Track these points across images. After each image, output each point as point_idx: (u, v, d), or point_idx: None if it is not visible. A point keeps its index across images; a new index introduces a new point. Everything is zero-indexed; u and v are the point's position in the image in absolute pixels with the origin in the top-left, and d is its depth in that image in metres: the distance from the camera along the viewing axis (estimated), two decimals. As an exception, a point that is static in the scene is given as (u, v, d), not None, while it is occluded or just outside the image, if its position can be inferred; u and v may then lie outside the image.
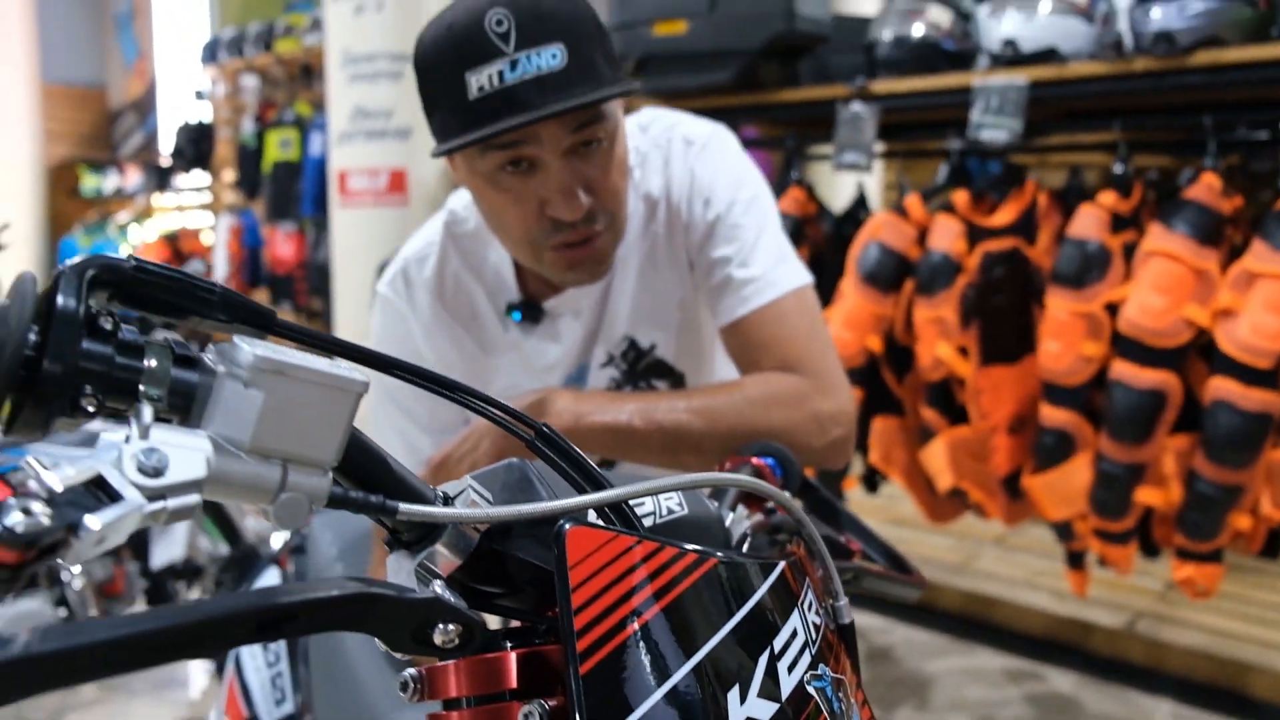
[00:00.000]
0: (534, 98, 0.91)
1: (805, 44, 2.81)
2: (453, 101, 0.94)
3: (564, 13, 0.94)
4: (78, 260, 0.40)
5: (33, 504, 0.33)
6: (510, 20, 0.91)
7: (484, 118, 0.92)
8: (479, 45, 0.91)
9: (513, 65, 0.91)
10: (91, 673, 0.32)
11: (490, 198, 1.02)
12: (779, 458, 0.89)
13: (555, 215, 0.98)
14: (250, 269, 7.22)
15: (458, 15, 0.94)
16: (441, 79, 0.95)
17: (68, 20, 9.43)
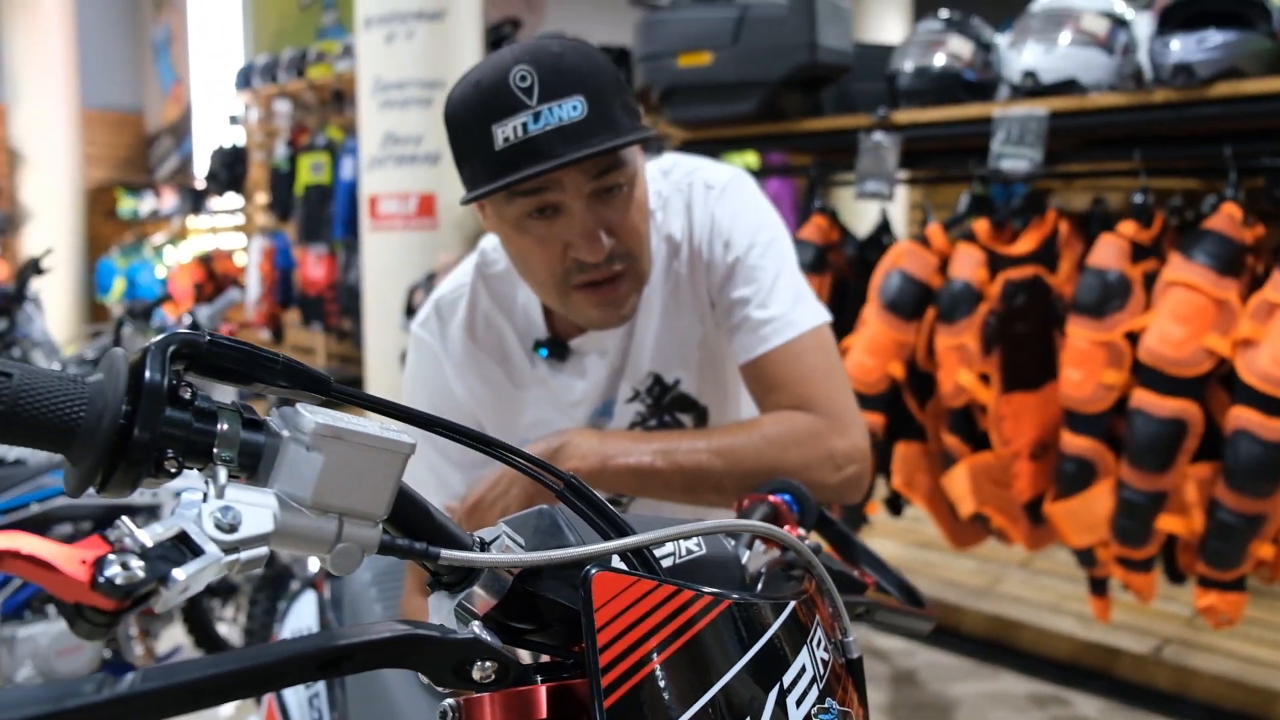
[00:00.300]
0: (556, 146, 0.97)
1: (827, 74, 2.86)
2: (481, 153, 0.99)
3: (583, 67, 1.00)
4: (161, 338, 0.45)
5: (130, 559, 0.38)
6: (533, 75, 0.97)
7: (510, 166, 0.98)
8: (504, 99, 0.97)
9: (536, 117, 0.97)
10: (184, 707, 0.37)
11: (517, 242, 1.07)
12: (795, 495, 0.93)
13: (579, 257, 1.03)
14: (282, 290, 7.34)
15: (484, 73, 1.00)
16: (470, 132, 1.00)
17: (107, 47, 9.66)
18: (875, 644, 3.36)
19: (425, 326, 1.23)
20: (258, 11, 8.94)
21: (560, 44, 1.02)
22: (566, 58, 0.99)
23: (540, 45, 1.01)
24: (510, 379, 1.21)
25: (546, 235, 1.03)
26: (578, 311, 1.10)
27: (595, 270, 1.05)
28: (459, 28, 4.83)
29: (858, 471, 1.06)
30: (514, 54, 0.99)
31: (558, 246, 1.04)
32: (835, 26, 2.76)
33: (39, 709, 0.32)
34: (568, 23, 8.09)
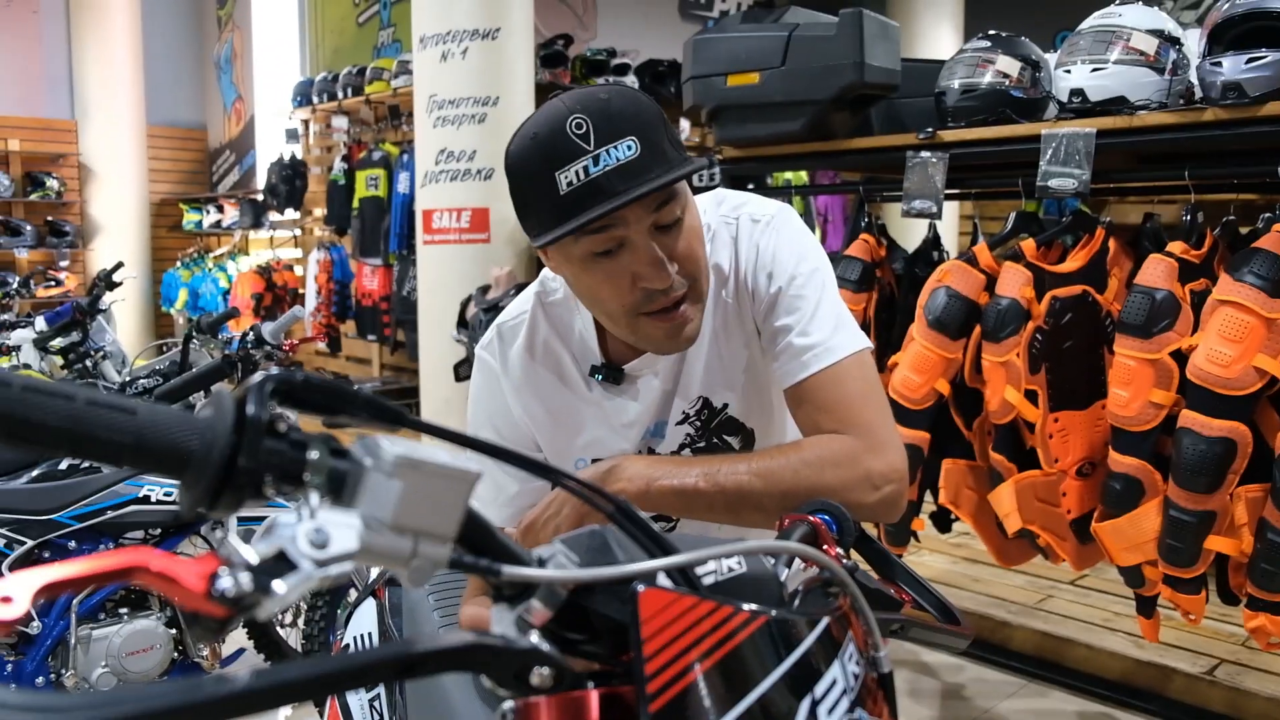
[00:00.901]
0: (617, 184, 1.04)
1: (875, 93, 2.89)
2: (545, 199, 1.06)
3: (631, 110, 1.07)
4: (260, 377, 0.52)
5: (239, 574, 0.44)
6: (588, 122, 1.04)
7: (575, 209, 1.05)
8: (563, 147, 1.04)
9: (595, 160, 1.04)
10: (289, 701, 0.43)
11: (585, 279, 1.14)
12: (834, 515, 0.98)
13: (647, 285, 1.10)
14: (338, 302, 7.51)
15: (539, 125, 1.07)
16: (534, 181, 1.07)
17: (172, 66, 9.97)
18: (921, 658, 3.36)
19: (488, 349, 1.31)
20: (316, 29, 9.17)
21: (606, 90, 1.09)
22: (614, 102, 1.07)
23: (588, 93, 1.08)
24: (567, 401, 1.28)
25: (614, 269, 1.10)
26: (647, 337, 1.17)
27: (663, 297, 1.12)
28: (511, 45, 4.94)
29: (895, 492, 1.10)
30: (566, 104, 1.06)
31: (626, 279, 1.11)
32: (883, 45, 2.79)
33: (171, 701, 0.38)
34: (619, 38, 8.18)
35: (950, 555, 4.08)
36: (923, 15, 8.72)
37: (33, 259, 9.06)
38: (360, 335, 7.40)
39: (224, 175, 10.33)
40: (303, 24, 9.27)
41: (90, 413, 0.46)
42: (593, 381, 1.26)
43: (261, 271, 8.40)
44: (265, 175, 8.17)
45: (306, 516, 0.49)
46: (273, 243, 9.18)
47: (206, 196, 9.77)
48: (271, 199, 8.09)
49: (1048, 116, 2.65)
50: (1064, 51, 2.57)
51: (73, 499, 2.41)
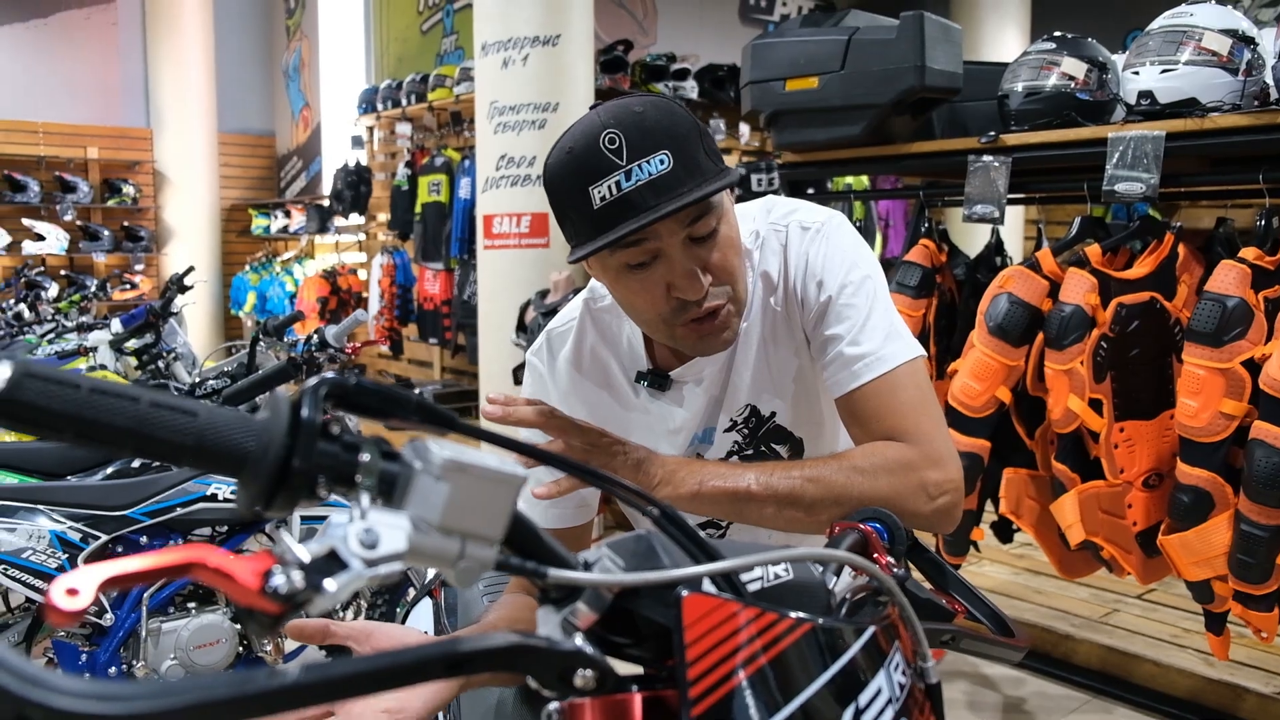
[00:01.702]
0: (649, 199, 1.05)
1: (937, 96, 2.86)
2: (580, 212, 1.08)
3: (665, 123, 1.08)
4: (315, 381, 0.53)
5: (292, 571, 0.46)
6: (620, 137, 1.05)
7: (608, 223, 1.06)
8: (597, 162, 1.06)
9: (627, 175, 1.05)
10: (338, 696, 0.44)
11: (622, 288, 1.16)
12: (886, 524, 0.97)
13: (681, 296, 1.11)
14: (401, 305, 7.63)
15: (575, 140, 1.09)
16: (568, 195, 1.09)
17: (243, 75, 10.24)
18: (982, 670, 3.31)
19: (538, 355, 1.33)
20: (381, 38, 9.34)
21: (640, 103, 1.10)
22: (648, 115, 1.07)
23: (623, 107, 1.09)
24: (614, 406, 1.29)
25: (649, 280, 1.12)
26: (684, 344, 1.18)
27: (698, 307, 1.12)
28: (571, 51, 4.97)
29: (950, 502, 1.09)
30: (600, 119, 1.08)
31: (660, 289, 1.12)
32: (945, 48, 2.76)
33: (226, 693, 0.40)
34: (678, 43, 8.20)
35: (1012, 566, 4.01)
36: (987, 18, 8.58)
37: (110, 263, 9.37)
38: (422, 339, 7.51)
39: (291, 181, 10.57)
40: (368, 32, 9.45)
41: (154, 414, 0.48)
42: (639, 388, 1.27)
43: (327, 275, 8.57)
44: (331, 181, 8.34)
45: (357, 517, 0.50)
46: (338, 247, 9.37)
47: (274, 202, 10.00)
48: (337, 204, 8.24)
49: (1115, 119, 2.59)
50: (1132, 53, 2.51)
51: (144, 496, 2.49)
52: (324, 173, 9.76)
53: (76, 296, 6.22)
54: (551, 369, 1.31)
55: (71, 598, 0.39)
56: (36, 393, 0.46)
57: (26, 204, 8.82)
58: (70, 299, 6.19)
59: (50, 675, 0.37)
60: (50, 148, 9.10)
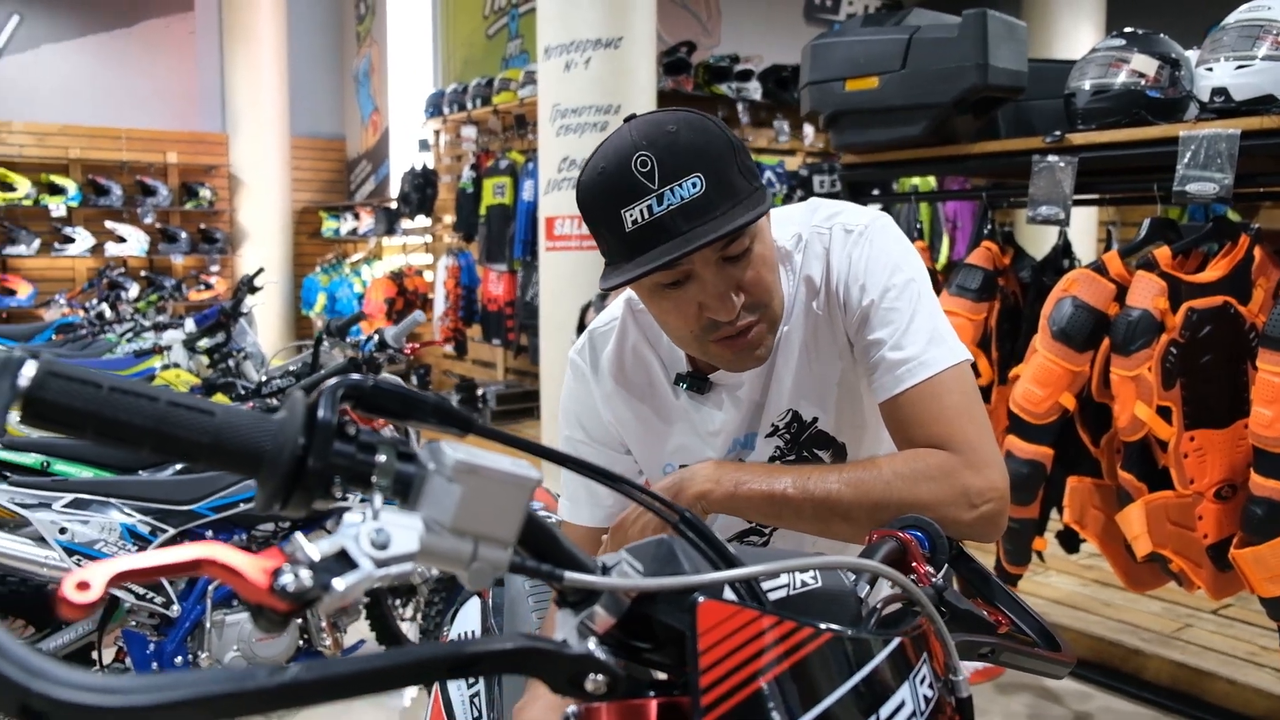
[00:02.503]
0: (681, 224, 1.04)
1: (1000, 95, 2.80)
2: (613, 233, 1.07)
3: (698, 143, 1.06)
4: (333, 382, 0.54)
5: (300, 570, 0.46)
6: (652, 159, 1.04)
7: (640, 246, 1.05)
8: (628, 185, 1.04)
9: (659, 199, 1.04)
10: (337, 695, 0.44)
11: (655, 307, 1.16)
12: (927, 531, 0.95)
13: (712, 316, 1.10)
14: (465, 306, 7.73)
15: (608, 160, 1.08)
16: (601, 214, 1.09)
17: (314, 80, 10.47)
18: (1045, 683, 3.23)
19: (580, 354, 1.33)
20: (448, 42, 9.47)
21: (675, 120, 1.07)
22: (682, 136, 1.06)
23: (656, 125, 1.07)
24: (655, 408, 1.29)
25: (681, 299, 1.11)
26: (718, 360, 1.17)
27: (730, 326, 1.11)
28: (633, 54, 4.98)
29: (993, 510, 1.06)
30: (633, 138, 1.06)
31: (692, 308, 1.11)
32: (1009, 46, 2.69)
33: (224, 687, 0.40)
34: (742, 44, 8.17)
35: (1079, 577, 3.90)
36: (1061, 14, 8.38)
37: (187, 264, 9.66)
38: (486, 339, 7.59)
39: (361, 184, 10.77)
40: (435, 37, 9.59)
41: (172, 413, 0.49)
42: (679, 390, 1.26)
43: (394, 277, 8.72)
44: (399, 184, 8.49)
45: (369, 517, 0.51)
46: (405, 249, 9.52)
47: (344, 205, 10.20)
48: (404, 207, 8.39)
49: (1188, 117, 2.51)
50: (1206, 48, 2.43)
51: (210, 491, 2.56)
52: (392, 176, 9.93)
53: (154, 297, 6.42)
54: (594, 368, 1.31)
55: (82, 591, 0.40)
56: (59, 391, 0.47)
57: (109, 207, 9.14)
58: (148, 299, 6.39)
59: (54, 667, 0.38)
60: (132, 153, 9.42)
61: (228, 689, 0.40)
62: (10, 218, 8.85)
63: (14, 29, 9.25)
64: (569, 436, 1.33)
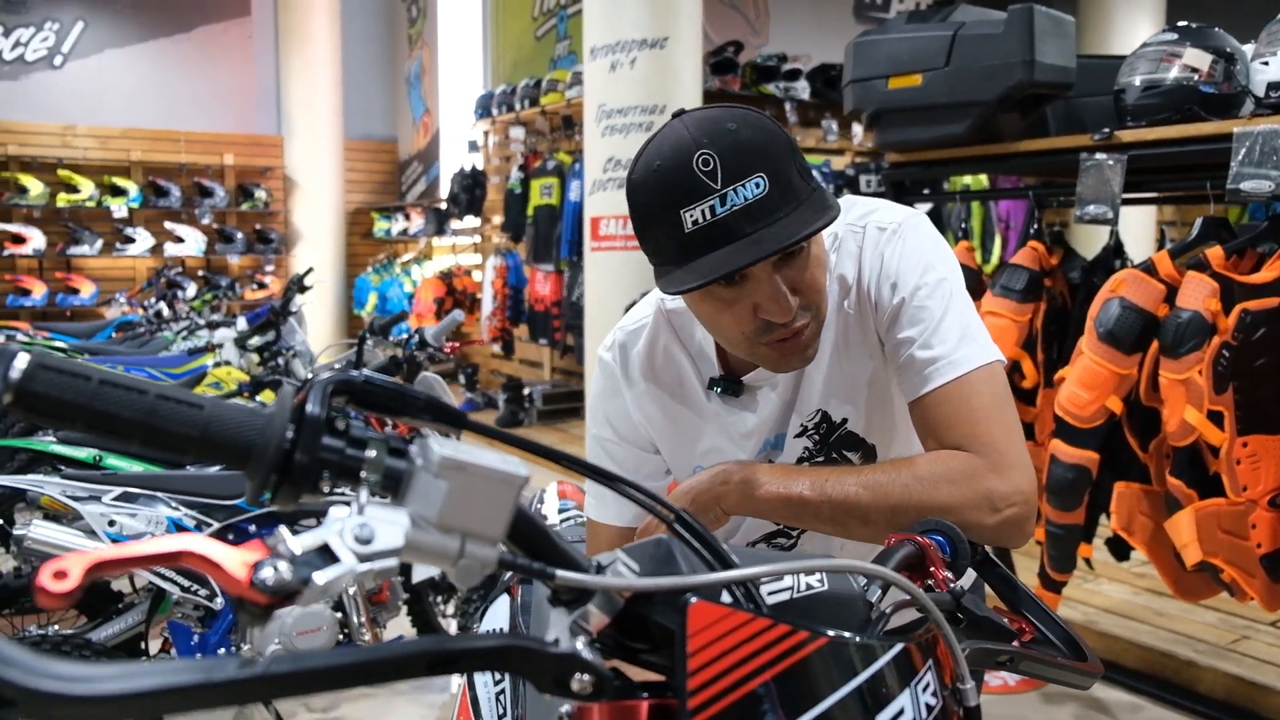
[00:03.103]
0: (743, 226, 1.01)
1: (1047, 92, 2.74)
2: (668, 233, 1.04)
3: (761, 142, 1.03)
4: (324, 378, 0.54)
5: (280, 564, 0.47)
6: (715, 159, 1.00)
7: (699, 248, 1.02)
8: (689, 184, 1.01)
9: (722, 199, 1.00)
10: (309, 689, 0.45)
11: (705, 307, 1.12)
12: (949, 536, 0.93)
13: (768, 318, 1.07)
14: (513, 306, 7.78)
15: (665, 157, 1.04)
16: (656, 214, 1.05)
17: (368, 83, 10.63)
18: (1095, 694, 3.16)
19: (610, 352, 1.31)
20: (497, 44, 9.55)
21: (733, 118, 1.04)
22: (743, 134, 1.02)
23: (716, 123, 1.04)
24: (686, 408, 1.27)
25: (734, 299, 1.07)
26: (764, 361, 1.14)
27: (784, 328, 1.08)
28: (679, 53, 4.97)
29: (1017, 515, 1.03)
30: (693, 136, 1.03)
31: (746, 309, 1.08)
32: (1056, 42, 2.64)
33: (193, 679, 0.41)
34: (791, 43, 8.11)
35: (1131, 586, 3.80)
36: (1118, 10, 8.21)
37: (243, 264, 9.86)
38: (533, 339, 7.63)
39: (412, 185, 10.90)
40: (485, 40, 9.68)
41: (161, 406, 0.50)
42: (711, 393, 1.25)
43: (443, 277, 8.81)
44: (448, 184, 8.57)
45: (355, 512, 0.51)
46: (454, 249, 9.62)
47: (395, 205, 10.33)
48: (453, 207, 8.47)
49: (1243, 113, 2.44)
50: (1261, 42, 2.36)
51: (254, 486, 2.60)
52: (442, 177, 10.04)
53: (209, 296, 6.56)
54: (624, 367, 1.29)
55: (59, 580, 0.41)
56: (49, 384, 0.48)
57: (168, 208, 9.37)
58: (203, 298, 6.54)
59: (25, 656, 0.38)
60: (190, 155, 9.64)
61: (197, 680, 0.41)
62: (75, 218, 9.11)
63: (78, 35, 9.52)
64: (597, 435, 1.31)
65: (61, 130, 9.20)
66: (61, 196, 8.98)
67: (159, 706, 0.40)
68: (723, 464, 1.12)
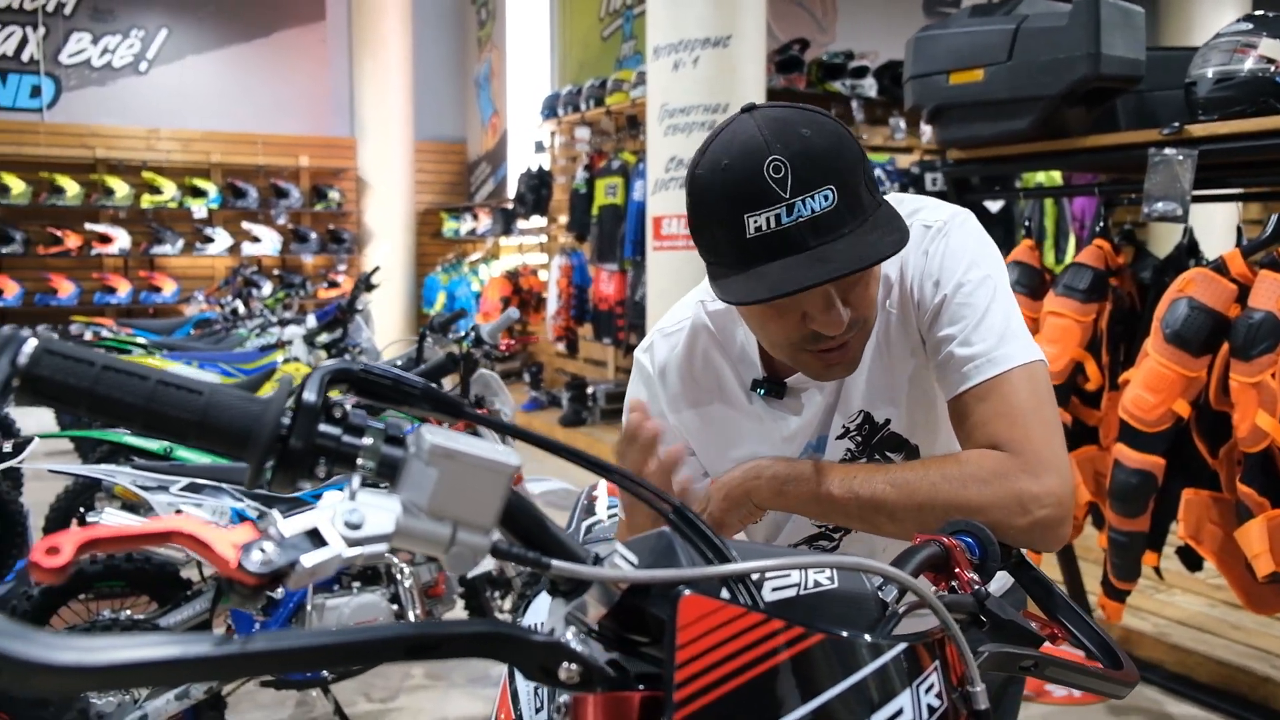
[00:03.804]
0: (808, 239, 0.99)
1: (1115, 85, 2.65)
2: (729, 236, 1.02)
3: (833, 152, 1.00)
4: (323, 367, 0.55)
5: (267, 545, 0.48)
6: (786, 167, 0.98)
7: (760, 256, 1.00)
8: (757, 190, 0.99)
9: (789, 209, 0.98)
10: (284, 669, 0.46)
11: (754, 312, 1.10)
12: (978, 537, 0.91)
13: (819, 330, 1.05)
14: (577, 305, 7.83)
15: (733, 157, 1.00)
16: (719, 215, 1.03)
17: (438, 86, 10.80)
18: (1166, 709, 3.06)
19: (647, 354, 1.30)
20: (564, 45, 9.62)
21: (807, 123, 1.02)
22: (815, 142, 1.00)
23: (788, 128, 1.01)
24: (725, 411, 1.26)
25: (785, 308, 1.05)
26: (808, 369, 1.13)
27: (831, 339, 1.07)
28: (742, 52, 4.96)
29: (1051, 517, 1.00)
30: (765, 139, 1.00)
31: (795, 317, 1.06)
32: (1124, 33, 2.56)
33: (171, 653, 0.42)
34: (859, 39, 8.02)
35: (1207, 597, 3.67)
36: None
37: (316, 263, 10.11)
38: (597, 338, 7.67)
39: (480, 185, 11.05)
40: (553, 41, 9.76)
41: (161, 392, 0.52)
42: (754, 395, 1.23)
43: (509, 276, 8.91)
44: (515, 185, 8.66)
45: (346, 497, 0.52)
46: (521, 249, 9.72)
47: (464, 205, 10.48)
48: (520, 207, 8.56)
49: (1323, 106, 2.34)
50: (1344, 30, 2.26)
51: (316, 479, 2.66)
52: (510, 177, 10.15)
53: (281, 294, 6.74)
54: (661, 369, 1.27)
55: (52, 556, 0.42)
56: (54, 368, 0.50)
57: (246, 209, 9.65)
58: (276, 296, 6.71)
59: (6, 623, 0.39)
60: (267, 157, 9.92)
61: (173, 655, 0.42)
62: (158, 219, 9.44)
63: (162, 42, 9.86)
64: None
65: (146, 134, 9.54)
66: (145, 198, 9.31)
67: (138, 678, 0.41)
68: (756, 459, 1.10)
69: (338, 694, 2.73)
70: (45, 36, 9.45)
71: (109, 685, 0.40)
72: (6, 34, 9.32)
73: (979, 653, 0.76)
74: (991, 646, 0.79)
